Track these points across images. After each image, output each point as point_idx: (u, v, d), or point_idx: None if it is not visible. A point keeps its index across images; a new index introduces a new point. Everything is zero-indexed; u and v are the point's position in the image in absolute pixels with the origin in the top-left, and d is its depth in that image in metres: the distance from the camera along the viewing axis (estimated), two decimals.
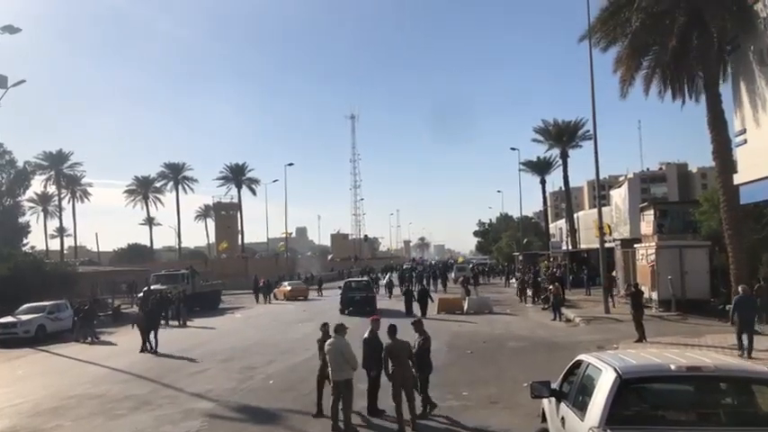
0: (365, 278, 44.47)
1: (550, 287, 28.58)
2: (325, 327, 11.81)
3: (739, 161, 19.40)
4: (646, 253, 27.02)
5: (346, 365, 10.44)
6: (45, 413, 13.04)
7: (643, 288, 22.60)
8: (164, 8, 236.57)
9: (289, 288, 48.33)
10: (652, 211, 28.70)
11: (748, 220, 21.83)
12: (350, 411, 10.47)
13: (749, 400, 5.66)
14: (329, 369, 10.73)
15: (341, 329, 10.80)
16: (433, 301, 29.94)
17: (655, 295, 25.38)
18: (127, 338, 25.25)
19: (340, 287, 34.56)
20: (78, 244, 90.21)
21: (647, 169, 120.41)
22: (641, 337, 18.23)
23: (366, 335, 11.38)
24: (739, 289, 16.71)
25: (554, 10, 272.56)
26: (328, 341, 10.89)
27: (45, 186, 76.19)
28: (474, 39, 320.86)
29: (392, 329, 10.91)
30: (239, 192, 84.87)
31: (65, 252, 77.74)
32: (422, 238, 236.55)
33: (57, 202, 77.65)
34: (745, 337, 15.37)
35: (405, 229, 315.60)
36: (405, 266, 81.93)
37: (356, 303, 30.76)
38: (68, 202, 78.75)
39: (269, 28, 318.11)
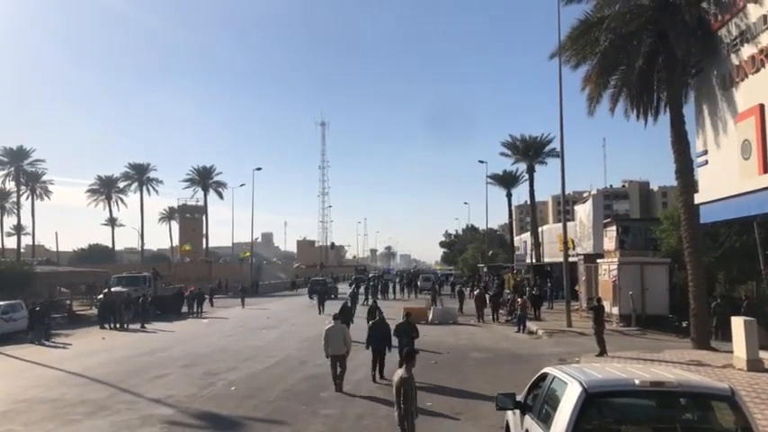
0: (324, 278, 61.47)
1: (518, 300, 28.84)
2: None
3: (700, 181, 19.79)
4: (608, 268, 27.51)
5: (342, 344, 14.16)
6: None
7: (605, 303, 22.99)
8: (133, 1, 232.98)
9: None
10: (615, 228, 29.29)
11: (706, 239, 22.36)
12: (344, 375, 14.24)
13: (708, 416, 5.77)
14: (329, 347, 14.15)
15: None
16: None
17: (616, 310, 25.86)
18: (83, 341, 24.60)
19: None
20: (37, 243, 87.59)
21: (611, 186, 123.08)
22: (602, 351, 18.49)
23: (369, 323, 16.94)
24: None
25: (526, 27, 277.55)
26: (329, 325, 14.63)
27: (3, 183, 74.06)
28: (448, 52, 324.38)
29: (408, 356, 8.92)
30: (206, 195, 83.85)
31: (22, 251, 75.53)
32: (388, 247, 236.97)
33: (15, 199, 75.48)
34: None
35: (372, 238, 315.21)
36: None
37: (318, 293, 43.27)
38: (27, 199, 76.63)
39: (245, 28, 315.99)
